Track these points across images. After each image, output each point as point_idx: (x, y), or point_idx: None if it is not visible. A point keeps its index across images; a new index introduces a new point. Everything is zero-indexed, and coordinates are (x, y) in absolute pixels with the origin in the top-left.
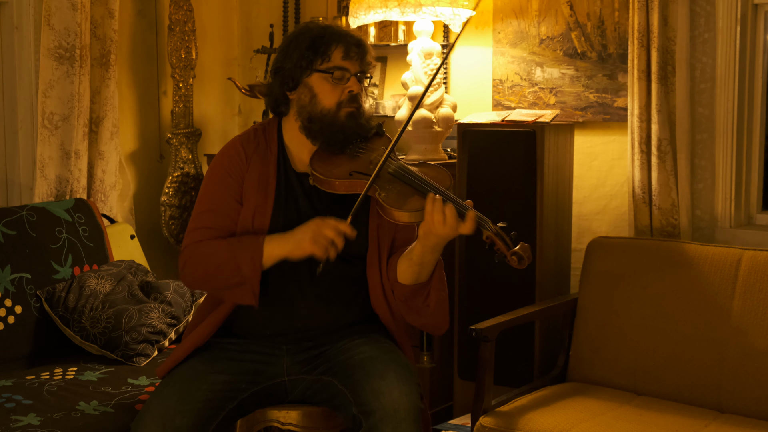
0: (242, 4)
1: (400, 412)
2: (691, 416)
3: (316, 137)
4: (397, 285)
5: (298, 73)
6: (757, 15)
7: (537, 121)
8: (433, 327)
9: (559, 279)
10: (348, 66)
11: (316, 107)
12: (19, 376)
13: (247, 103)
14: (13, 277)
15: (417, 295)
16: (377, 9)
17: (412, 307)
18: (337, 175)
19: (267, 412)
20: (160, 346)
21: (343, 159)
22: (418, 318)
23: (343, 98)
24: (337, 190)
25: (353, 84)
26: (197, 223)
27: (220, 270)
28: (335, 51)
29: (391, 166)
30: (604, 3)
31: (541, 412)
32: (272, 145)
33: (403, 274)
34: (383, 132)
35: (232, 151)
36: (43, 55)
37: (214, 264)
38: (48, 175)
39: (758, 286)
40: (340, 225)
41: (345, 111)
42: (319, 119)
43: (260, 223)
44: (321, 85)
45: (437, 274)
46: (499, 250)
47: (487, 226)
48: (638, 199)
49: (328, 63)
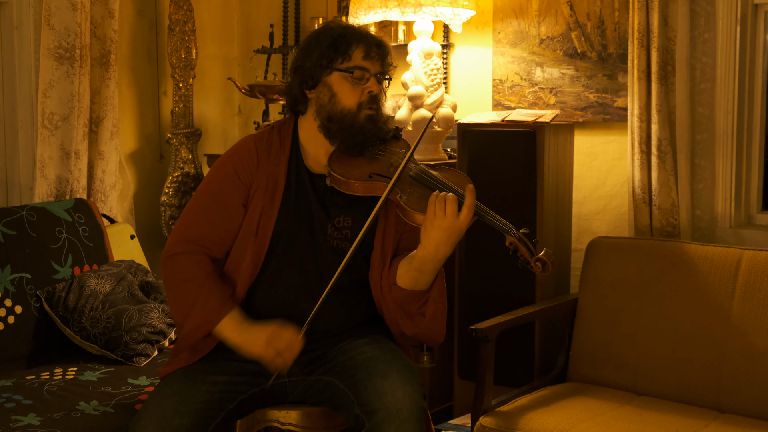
0: (242, 4)
1: (403, 411)
2: (691, 416)
3: (335, 137)
4: (395, 288)
5: (318, 71)
6: (757, 15)
7: (537, 121)
8: (428, 338)
9: (559, 279)
10: (368, 66)
11: (336, 107)
12: (19, 376)
13: (247, 103)
14: (13, 277)
15: (413, 301)
16: (377, 9)
17: (407, 313)
18: (357, 176)
19: (267, 412)
20: (160, 346)
21: (363, 161)
22: (413, 326)
23: (363, 99)
24: (356, 192)
25: (373, 84)
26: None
27: (178, 304)
28: (356, 50)
29: (412, 170)
30: (604, 3)
31: (541, 412)
32: (286, 144)
33: (402, 277)
34: (400, 135)
35: (245, 152)
36: (43, 55)
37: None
38: (48, 175)
39: (758, 286)
40: (294, 341)
41: (365, 113)
42: (338, 119)
43: (265, 226)
44: (340, 84)
45: (437, 285)
46: (523, 256)
47: (511, 232)
48: (638, 199)
49: (348, 62)
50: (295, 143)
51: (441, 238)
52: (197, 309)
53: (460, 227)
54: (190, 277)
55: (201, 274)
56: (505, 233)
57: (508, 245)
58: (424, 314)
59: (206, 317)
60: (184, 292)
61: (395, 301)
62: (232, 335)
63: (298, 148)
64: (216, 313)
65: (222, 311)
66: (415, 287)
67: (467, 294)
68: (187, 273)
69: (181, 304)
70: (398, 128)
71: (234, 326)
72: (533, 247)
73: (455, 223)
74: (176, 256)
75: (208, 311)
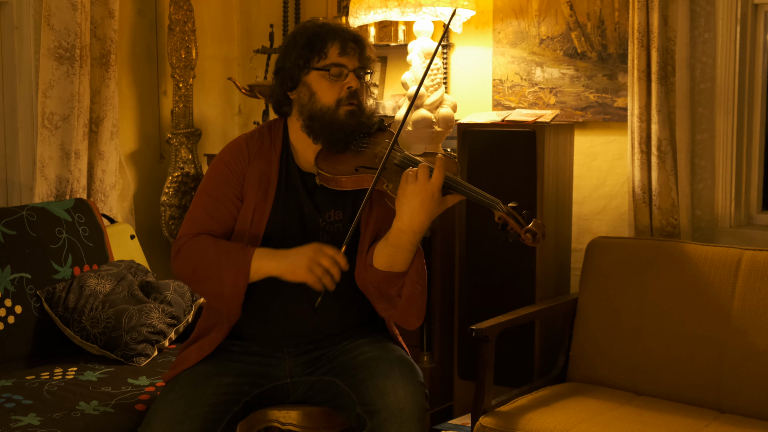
0: (242, 4)
1: (405, 411)
2: (691, 416)
3: (318, 136)
4: (371, 269)
5: (297, 72)
6: (757, 15)
7: (537, 121)
8: (403, 320)
9: (559, 279)
10: (345, 62)
11: (316, 105)
12: (19, 376)
13: (247, 103)
14: (13, 277)
15: (391, 284)
16: (377, 9)
17: (384, 295)
18: (343, 171)
19: (267, 413)
20: (160, 346)
21: (348, 156)
22: (389, 307)
23: (342, 95)
24: (344, 187)
25: (351, 80)
26: (196, 213)
27: (207, 277)
28: (331, 48)
29: (397, 158)
30: (604, 3)
31: (541, 412)
32: (277, 143)
33: (378, 256)
34: (386, 126)
35: (236, 148)
36: (43, 55)
37: (202, 268)
38: (48, 175)
39: (758, 286)
40: (336, 255)
41: (344, 109)
42: (319, 117)
43: (259, 222)
44: (319, 83)
45: (415, 265)
46: (513, 229)
47: (498, 207)
48: (638, 199)
49: (324, 60)
50: (286, 142)
51: (414, 204)
52: (224, 266)
53: (432, 190)
54: (201, 252)
55: (208, 244)
56: (493, 208)
57: (497, 220)
58: (402, 296)
59: (237, 265)
60: (206, 264)
61: (372, 283)
62: (272, 266)
63: (288, 146)
64: (243, 257)
65: (247, 252)
66: (392, 267)
67: (467, 294)
68: (196, 253)
69: (208, 273)
70: (382, 120)
71: (269, 258)
72: (522, 220)
73: (427, 187)
74: (182, 247)
75: (235, 260)
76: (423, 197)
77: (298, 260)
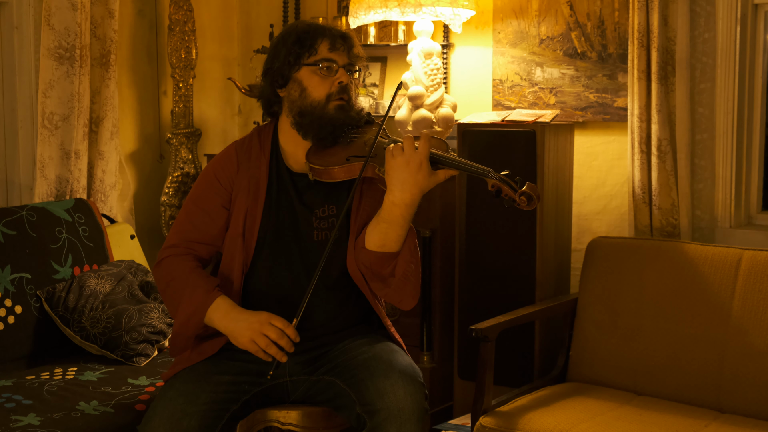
0: (242, 4)
1: (405, 412)
2: (691, 416)
3: (307, 131)
4: (364, 251)
5: (287, 69)
6: (757, 15)
7: (537, 121)
8: (398, 300)
9: (559, 279)
10: (335, 57)
11: (306, 100)
12: (19, 376)
13: (247, 103)
14: (13, 277)
15: (384, 265)
16: (377, 9)
17: (377, 275)
18: (335, 162)
19: (267, 412)
20: (160, 346)
21: (338, 148)
22: (383, 287)
23: (332, 90)
24: (338, 177)
25: (342, 75)
26: (182, 223)
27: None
28: (321, 44)
29: (386, 144)
30: (604, 3)
31: (541, 412)
32: (266, 147)
33: (370, 235)
34: (374, 120)
35: (225, 158)
36: (43, 55)
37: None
38: (48, 175)
39: (758, 286)
40: (286, 328)
41: (334, 104)
42: (309, 112)
43: (251, 226)
44: (310, 78)
45: (408, 245)
46: (507, 195)
47: (490, 175)
48: (638, 199)
49: (315, 56)
50: (275, 145)
51: (404, 175)
52: (185, 300)
53: (419, 159)
54: (176, 275)
55: (186, 270)
56: (485, 176)
57: (490, 188)
58: (395, 275)
59: (195, 307)
60: (174, 289)
61: (365, 264)
62: (222, 323)
63: (278, 149)
64: (203, 302)
65: (208, 299)
66: (385, 246)
67: (467, 294)
68: (173, 272)
69: (172, 300)
70: (370, 113)
71: (222, 314)
72: (515, 184)
73: (414, 156)
74: (163, 261)
75: (195, 301)
76: (412, 167)
77: (243, 328)
